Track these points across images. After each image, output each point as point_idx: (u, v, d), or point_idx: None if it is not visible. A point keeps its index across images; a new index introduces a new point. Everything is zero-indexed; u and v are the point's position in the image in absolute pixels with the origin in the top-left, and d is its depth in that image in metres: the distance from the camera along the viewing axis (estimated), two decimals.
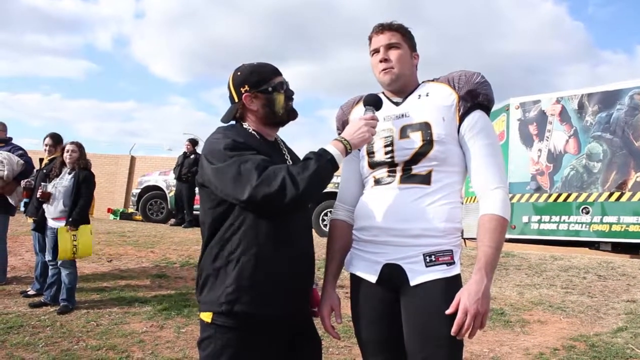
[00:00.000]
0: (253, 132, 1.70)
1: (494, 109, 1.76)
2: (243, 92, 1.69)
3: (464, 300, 1.48)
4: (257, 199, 1.48)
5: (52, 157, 5.07)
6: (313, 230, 1.86)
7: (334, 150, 1.59)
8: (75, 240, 4.34)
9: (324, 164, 1.55)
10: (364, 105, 1.71)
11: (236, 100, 1.72)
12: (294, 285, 1.62)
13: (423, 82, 1.78)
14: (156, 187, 10.53)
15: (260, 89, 1.69)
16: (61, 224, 4.46)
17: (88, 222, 4.58)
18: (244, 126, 1.72)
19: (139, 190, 10.69)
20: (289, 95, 1.74)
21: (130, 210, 12.41)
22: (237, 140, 1.59)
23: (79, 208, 4.48)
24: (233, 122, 1.75)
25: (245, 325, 1.54)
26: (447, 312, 1.50)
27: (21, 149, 5.28)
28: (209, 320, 1.56)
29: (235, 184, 1.50)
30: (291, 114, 1.75)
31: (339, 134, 1.73)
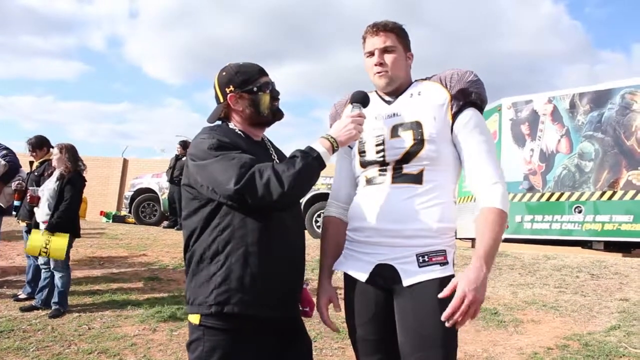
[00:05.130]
0: (239, 132, 1.69)
1: (485, 109, 1.76)
2: (228, 92, 1.68)
3: (462, 285, 1.46)
4: (243, 196, 1.47)
5: (42, 159, 5.02)
6: (305, 232, 1.85)
7: (320, 148, 1.58)
8: (48, 243, 4.22)
9: (310, 161, 1.54)
10: (351, 103, 1.71)
11: (221, 100, 1.71)
12: (283, 285, 1.60)
13: (415, 80, 1.77)
14: (149, 190, 10.48)
15: (246, 89, 1.68)
16: None
17: (69, 230, 4.37)
18: (230, 126, 1.71)
19: (131, 193, 10.62)
20: (275, 95, 1.73)
21: (123, 213, 12.32)
22: (223, 140, 1.58)
23: (60, 212, 4.34)
24: (219, 122, 1.74)
25: (234, 326, 1.53)
26: (442, 295, 1.49)
27: (6, 148, 5.03)
28: (197, 322, 1.55)
29: (220, 181, 1.50)
30: (277, 115, 1.75)
31: None
